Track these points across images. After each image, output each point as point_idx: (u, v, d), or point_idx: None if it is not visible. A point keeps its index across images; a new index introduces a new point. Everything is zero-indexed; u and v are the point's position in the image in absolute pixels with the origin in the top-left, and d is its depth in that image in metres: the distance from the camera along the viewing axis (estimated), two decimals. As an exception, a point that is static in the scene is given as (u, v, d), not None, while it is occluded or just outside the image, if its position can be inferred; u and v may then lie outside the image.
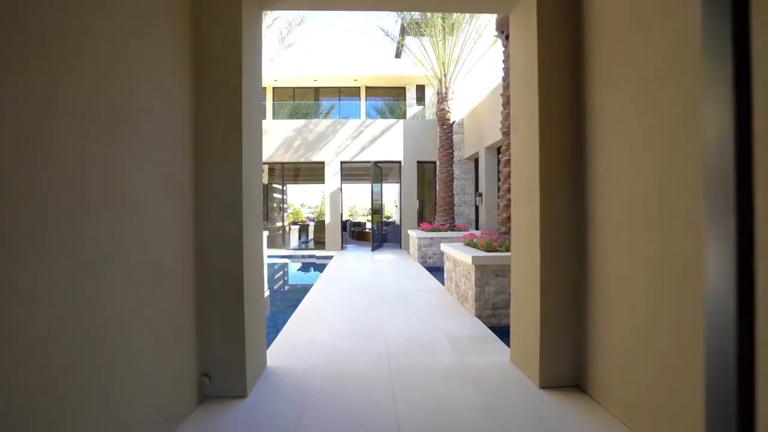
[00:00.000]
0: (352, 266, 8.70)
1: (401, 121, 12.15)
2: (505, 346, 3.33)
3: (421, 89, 14.70)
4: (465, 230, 9.35)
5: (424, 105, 14.66)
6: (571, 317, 2.54)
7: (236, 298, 2.44)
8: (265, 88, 14.67)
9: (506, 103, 5.10)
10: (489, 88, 9.24)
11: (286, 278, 9.24)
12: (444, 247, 5.66)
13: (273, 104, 14.66)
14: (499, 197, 5.12)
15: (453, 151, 9.90)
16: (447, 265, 5.72)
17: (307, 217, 19.34)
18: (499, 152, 9.45)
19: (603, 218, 2.28)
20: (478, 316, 4.29)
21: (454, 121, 9.95)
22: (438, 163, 10.11)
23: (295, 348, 3.38)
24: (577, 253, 2.53)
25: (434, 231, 9.22)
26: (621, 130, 2.12)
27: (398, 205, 23.27)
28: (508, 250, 4.58)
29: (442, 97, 9.92)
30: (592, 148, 2.39)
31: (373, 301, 5.14)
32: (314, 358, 3.14)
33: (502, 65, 5.33)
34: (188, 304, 2.26)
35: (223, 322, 2.43)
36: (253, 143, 2.66)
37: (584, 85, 2.46)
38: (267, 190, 16.24)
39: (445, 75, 9.85)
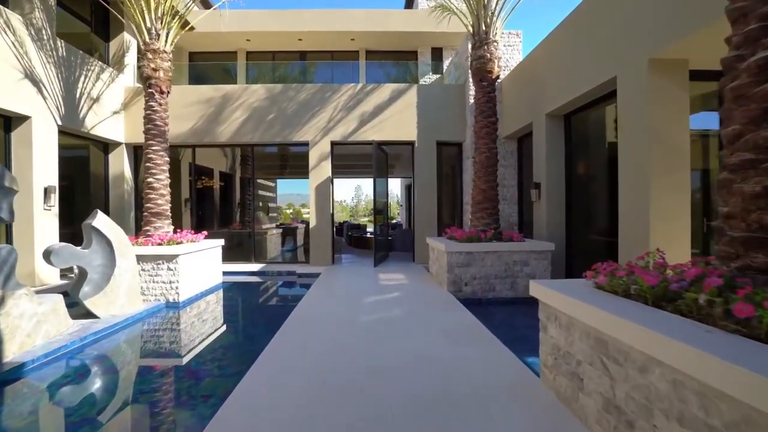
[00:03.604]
0: (342, 301, 5.38)
1: (414, 86, 8.82)
2: None
3: (437, 52, 11.36)
4: (518, 240, 6.03)
5: (441, 74, 11.32)
6: None
7: None
8: (235, 52, 11.34)
9: None
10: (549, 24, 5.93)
11: (215, 331, 5.88)
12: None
13: (246, 69, 11.33)
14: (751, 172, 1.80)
15: (496, 119, 6.56)
16: (559, 342, 2.42)
17: (294, 218, 16.00)
18: (596, 114, 6.12)
19: None
20: None
21: (498, 75, 6.61)
22: (474, 138, 6.79)
23: None
24: None
25: (471, 241, 5.91)
26: None
27: (403, 204, 19.59)
28: None
29: (480, 41, 6.59)
30: None
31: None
32: None
33: None
34: None
35: None
36: None
37: None
38: (248, 184, 12.90)
39: (485, 7, 6.52)
